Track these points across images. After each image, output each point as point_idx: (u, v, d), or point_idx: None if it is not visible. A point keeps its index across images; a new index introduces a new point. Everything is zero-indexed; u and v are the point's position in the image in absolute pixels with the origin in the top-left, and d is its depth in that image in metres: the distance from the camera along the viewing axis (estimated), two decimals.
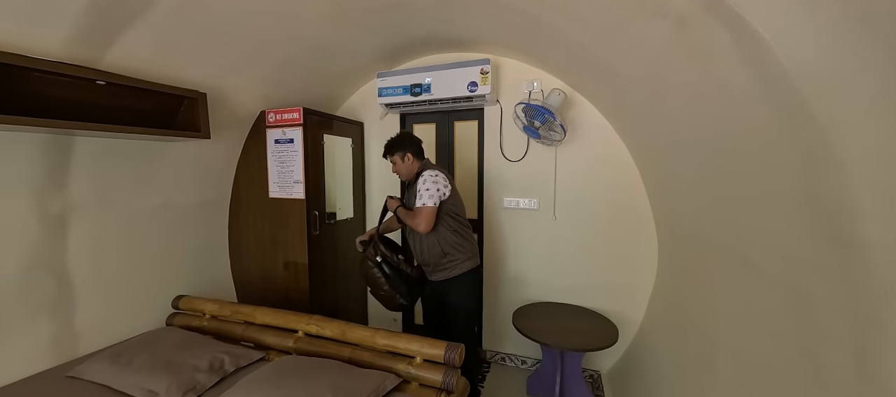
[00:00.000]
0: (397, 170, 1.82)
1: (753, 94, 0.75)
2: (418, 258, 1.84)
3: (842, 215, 0.64)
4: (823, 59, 0.57)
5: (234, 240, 2.32)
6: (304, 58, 2.02)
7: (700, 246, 1.39)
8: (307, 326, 1.62)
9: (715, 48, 0.80)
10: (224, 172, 2.22)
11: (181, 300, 1.89)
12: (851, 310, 0.66)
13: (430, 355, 1.41)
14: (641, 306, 2.12)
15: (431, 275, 1.82)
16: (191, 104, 1.72)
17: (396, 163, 1.81)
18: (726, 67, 0.80)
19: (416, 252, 1.83)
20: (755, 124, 0.80)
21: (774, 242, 0.88)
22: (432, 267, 1.79)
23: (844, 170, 0.60)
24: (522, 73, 2.21)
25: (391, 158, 1.82)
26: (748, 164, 0.89)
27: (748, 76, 0.74)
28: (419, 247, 1.80)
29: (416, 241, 1.80)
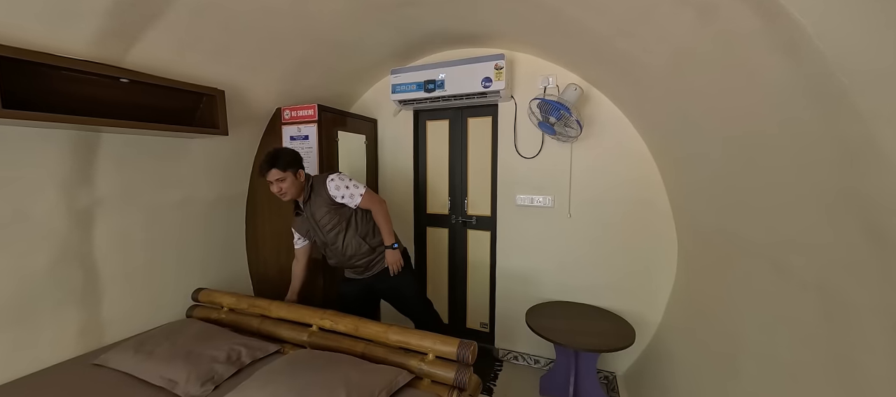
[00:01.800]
0: (285, 189, 1.61)
1: (787, 85, 0.71)
2: (345, 264, 1.81)
3: (883, 212, 0.59)
4: (868, 46, 0.53)
5: (251, 235, 2.37)
6: (320, 55, 2.04)
7: (724, 244, 1.34)
8: (321, 321, 1.63)
9: (744, 36, 0.76)
10: (241, 168, 2.27)
11: (201, 293, 1.94)
12: (891, 313, 0.62)
13: (443, 352, 1.40)
14: (659, 307, 2.06)
15: (365, 273, 1.81)
16: (209, 101, 1.76)
17: (286, 181, 1.60)
18: (757, 57, 0.75)
19: (343, 260, 1.78)
20: (788, 116, 0.75)
21: (806, 240, 0.83)
22: (364, 266, 1.79)
23: (888, 165, 0.56)
24: (537, 68, 2.18)
25: (280, 175, 1.58)
26: (779, 159, 0.85)
27: (782, 65, 0.70)
28: (345, 254, 1.75)
29: (341, 250, 1.74)
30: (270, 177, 1.60)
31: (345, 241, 1.73)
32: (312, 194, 1.70)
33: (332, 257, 1.80)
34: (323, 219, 1.69)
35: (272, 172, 1.59)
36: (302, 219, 1.75)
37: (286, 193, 1.63)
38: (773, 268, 1.00)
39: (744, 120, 0.93)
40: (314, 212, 1.70)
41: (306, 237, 1.80)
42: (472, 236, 2.58)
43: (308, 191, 1.69)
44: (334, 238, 1.72)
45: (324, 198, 1.69)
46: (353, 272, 1.85)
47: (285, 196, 1.64)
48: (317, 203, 1.69)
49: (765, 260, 1.05)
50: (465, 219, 2.57)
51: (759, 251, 1.07)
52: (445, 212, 2.64)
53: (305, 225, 1.75)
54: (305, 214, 1.72)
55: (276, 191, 1.62)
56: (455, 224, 2.62)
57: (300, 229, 1.79)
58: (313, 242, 1.83)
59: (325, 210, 1.68)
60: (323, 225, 1.71)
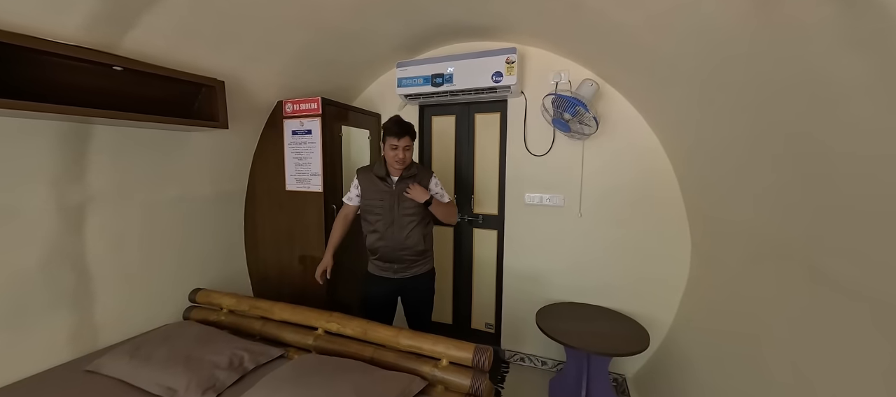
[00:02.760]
0: (408, 159, 1.68)
1: (859, 84, 0.65)
2: (394, 251, 1.73)
3: None
4: None
5: (250, 233, 2.28)
6: (323, 46, 1.95)
7: (754, 250, 1.29)
8: (327, 324, 1.57)
9: (808, 28, 0.70)
10: (240, 164, 2.18)
11: (198, 293, 1.86)
12: None
13: (457, 358, 1.35)
14: (671, 308, 2.02)
15: (401, 273, 1.76)
16: (209, 93, 1.67)
17: (410, 150, 1.68)
18: (822, 52, 0.69)
19: (395, 245, 1.72)
20: (857, 119, 0.69)
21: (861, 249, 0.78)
22: (409, 263, 1.76)
23: None
24: (549, 63, 2.11)
25: (410, 144, 1.67)
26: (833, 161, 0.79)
27: (856, 62, 0.64)
28: (403, 241, 1.71)
29: (403, 236, 1.71)
30: (403, 142, 1.64)
31: (412, 230, 1.72)
32: (412, 176, 1.73)
33: (384, 239, 1.72)
34: (409, 204, 1.71)
35: (405, 139, 1.65)
36: (382, 188, 1.71)
37: (405, 161, 1.68)
38: (815, 275, 0.96)
39: (794, 119, 0.87)
40: (402, 190, 1.70)
41: (370, 200, 1.73)
42: (479, 235, 2.51)
43: (408, 169, 1.72)
44: (406, 222, 1.71)
45: (418, 182, 1.73)
46: (390, 267, 1.76)
47: (403, 164, 1.68)
48: (415, 185, 1.71)
49: (802, 268, 1.00)
50: (472, 217, 2.51)
51: (795, 259, 1.02)
52: None
53: (384, 195, 1.70)
54: (392, 186, 1.71)
55: (400, 156, 1.65)
56: (461, 222, 2.55)
57: (372, 192, 1.72)
58: (358, 211, 1.80)
59: (416, 196, 1.70)
60: (406, 206, 1.71)
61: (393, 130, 1.64)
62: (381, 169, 1.72)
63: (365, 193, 1.74)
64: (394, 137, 1.64)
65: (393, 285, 1.78)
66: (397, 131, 1.63)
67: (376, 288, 1.80)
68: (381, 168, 1.72)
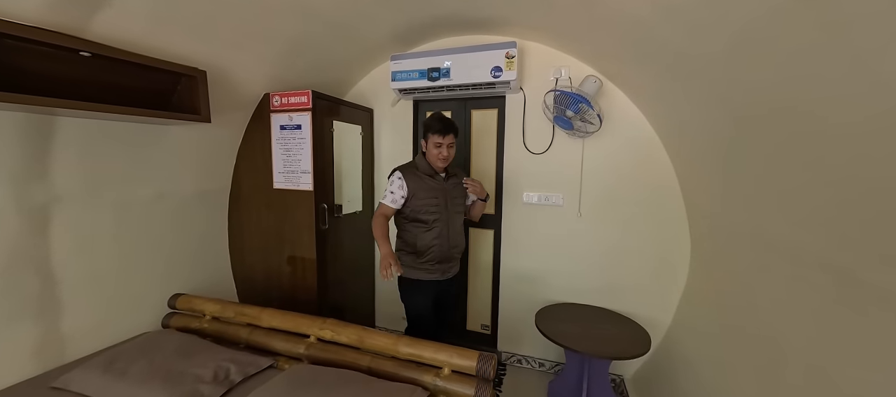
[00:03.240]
0: (449, 155, 1.64)
1: None
2: (444, 255, 1.69)
3: None
4: None
5: (235, 234, 2.16)
6: (314, 35, 1.84)
7: (760, 250, 1.26)
8: (321, 331, 1.48)
9: (855, 20, 0.65)
10: (224, 160, 2.05)
11: (179, 299, 1.73)
12: None
13: (460, 366, 1.28)
14: (670, 310, 2.01)
15: (447, 274, 1.74)
16: (189, 83, 1.54)
17: (452, 147, 1.64)
18: (872, 48, 0.65)
19: (448, 243, 1.69)
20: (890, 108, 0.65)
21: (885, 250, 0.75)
22: (455, 261, 1.77)
23: None
24: (549, 59, 2.06)
25: (453, 141, 1.64)
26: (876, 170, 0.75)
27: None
28: (455, 238, 1.71)
29: (457, 230, 1.72)
30: (448, 139, 1.61)
31: (461, 226, 1.75)
32: (454, 175, 1.75)
33: (441, 238, 1.66)
34: (458, 198, 1.73)
35: (450, 137, 1.62)
36: (434, 186, 1.66)
37: (450, 159, 1.66)
38: (833, 279, 0.93)
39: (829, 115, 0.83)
40: (453, 186, 1.71)
41: (424, 200, 1.64)
42: (474, 234, 2.45)
43: (450, 167, 1.73)
44: (457, 219, 1.74)
45: (461, 185, 1.76)
46: (439, 269, 1.69)
47: (447, 162, 1.66)
48: (456, 182, 1.74)
49: (818, 268, 0.98)
50: None
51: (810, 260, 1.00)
52: None
53: (437, 192, 1.66)
54: (442, 184, 1.69)
55: (444, 155, 1.62)
56: None
57: (424, 191, 1.64)
58: (402, 212, 1.68)
59: (459, 192, 1.74)
60: (457, 203, 1.72)
61: (437, 128, 1.60)
62: (426, 166, 1.67)
63: (416, 193, 1.63)
64: (438, 135, 1.60)
65: (438, 288, 1.73)
66: (442, 128, 1.59)
67: (426, 296, 1.71)
68: (426, 165, 1.67)
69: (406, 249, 1.70)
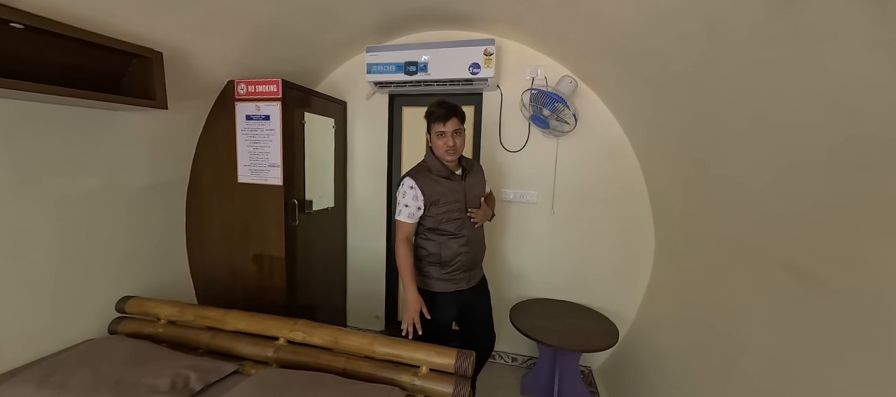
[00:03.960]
0: (460, 146, 1.43)
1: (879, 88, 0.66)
2: (471, 262, 1.52)
3: None
4: None
5: (194, 230, 2.00)
6: (286, 20, 1.74)
7: (721, 247, 1.35)
8: (291, 333, 1.40)
9: (835, 32, 0.70)
10: (182, 150, 1.89)
11: (129, 302, 1.58)
12: None
13: (439, 364, 1.26)
14: (635, 303, 2.10)
15: (473, 280, 1.57)
16: (143, 65, 1.41)
17: (461, 136, 1.43)
18: (848, 58, 0.69)
19: (475, 247, 1.53)
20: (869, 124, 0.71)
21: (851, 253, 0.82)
22: (478, 267, 1.60)
23: None
24: (526, 58, 2.08)
25: (460, 127, 1.42)
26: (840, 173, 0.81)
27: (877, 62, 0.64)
28: (480, 244, 1.57)
29: (477, 240, 1.55)
30: (450, 126, 1.39)
31: (482, 228, 1.58)
32: (471, 169, 1.55)
33: (469, 244, 1.49)
34: (478, 197, 1.54)
35: (454, 121, 1.39)
36: (453, 187, 1.46)
37: (459, 151, 1.44)
38: (790, 272, 1.01)
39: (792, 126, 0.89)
40: (472, 186, 1.52)
41: (446, 206, 1.44)
42: None
43: (464, 161, 1.54)
44: None
45: (480, 179, 1.59)
46: (465, 277, 1.52)
47: (456, 153, 1.44)
48: (475, 179, 1.55)
49: (777, 263, 1.05)
50: None
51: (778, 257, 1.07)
52: None
53: (458, 194, 1.47)
54: (460, 184, 1.48)
55: (450, 144, 1.40)
56: None
57: (444, 196, 1.44)
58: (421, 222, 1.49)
59: (480, 189, 1.56)
60: (475, 202, 1.53)
61: (437, 114, 1.39)
62: (439, 166, 1.45)
63: (437, 200, 1.43)
64: (439, 122, 1.39)
65: (463, 298, 1.55)
66: (443, 114, 1.38)
67: (450, 309, 1.52)
68: (438, 165, 1.45)
69: (429, 259, 1.48)
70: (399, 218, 1.45)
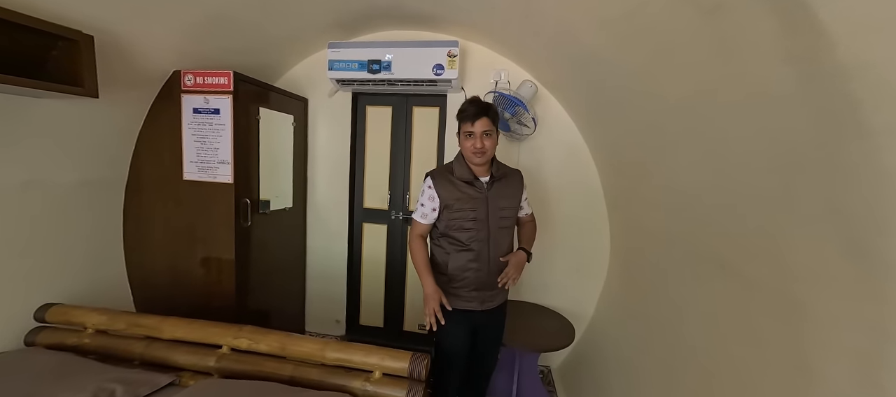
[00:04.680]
0: (489, 148, 1.28)
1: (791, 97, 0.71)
2: (483, 281, 1.36)
3: (868, 230, 0.62)
4: None
5: (133, 231, 1.85)
6: (239, 8, 1.65)
7: (671, 249, 1.41)
8: (235, 340, 1.32)
9: (753, 41, 0.75)
10: (119, 144, 1.74)
11: (50, 310, 1.43)
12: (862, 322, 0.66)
13: (392, 368, 1.23)
14: (592, 303, 2.17)
15: (488, 302, 1.39)
16: (69, 48, 1.28)
17: (492, 137, 1.29)
18: (763, 64, 0.75)
19: (487, 271, 1.35)
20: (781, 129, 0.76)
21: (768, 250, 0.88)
22: (496, 290, 1.40)
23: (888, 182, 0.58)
24: (490, 61, 2.10)
25: (490, 127, 1.28)
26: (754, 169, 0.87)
27: (790, 76, 0.69)
28: (493, 264, 1.35)
29: (494, 257, 1.35)
30: (479, 126, 1.26)
31: (505, 244, 1.40)
32: (504, 177, 1.39)
33: (480, 260, 1.34)
34: (506, 210, 1.37)
35: (484, 121, 1.26)
36: (472, 194, 1.32)
37: (487, 151, 1.29)
38: (725, 274, 1.07)
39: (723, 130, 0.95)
40: (498, 197, 1.35)
41: (459, 212, 1.31)
42: None
43: (497, 168, 1.37)
44: (502, 237, 1.38)
45: (514, 189, 1.41)
46: (478, 297, 1.37)
47: (484, 156, 1.29)
48: (505, 190, 1.38)
49: (713, 265, 1.12)
50: (407, 215, 2.40)
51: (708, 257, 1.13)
52: (385, 207, 2.43)
53: (477, 203, 1.32)
54: (483, 192, 1.33)
55: (478, 146, 1.26)
56: (394, 220, 2.43)
57: (459, 201, 1.31)
58: (434, 225, 1.39)
59: (510, 201, 1.39)
60: (503, 213, 1.36)
61: (467, 112, 1.28)
62: (463, 169, 1.33)
63: (450, 203, 1.32)
64: (468, 121, 1.27)
65: (475, 321, 1.40)
66: (474, 112, 1.26)
67: (458, 328, 1.37)
68: (463, 168, 1.33)
69: (438, 269, 1.38)
70: (414, 216, 1.41)
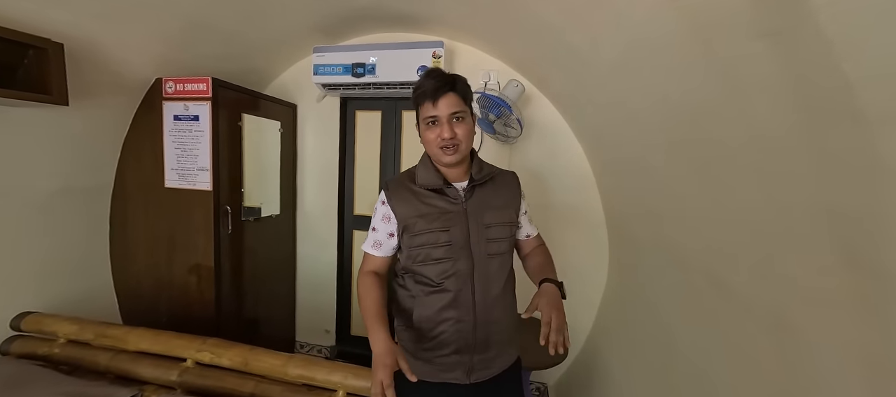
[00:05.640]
0: (462, 137, 0.87)
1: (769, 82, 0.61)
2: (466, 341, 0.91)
3: (869, 236, 0.51)
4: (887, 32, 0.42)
5: (119, 240, 1.85)
6: (219, 13, 1.63)
7: (662, 259, 1.29)
8: (198, 354, 1.27)
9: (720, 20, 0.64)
10: (103, 152, 1.75)
11: (25, 319, 1.43)
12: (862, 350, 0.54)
13: (355, 388, 1.15)
14: (590, 316, 2.03)
15: (479, 371, 0.94)
16: (39, 57, 1.28)
17: (465, 121, 0.88)
18: (734, 45, 0.64)
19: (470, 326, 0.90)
20: (764, 120, 0.66)
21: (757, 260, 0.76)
22: (495, 350, 0.95)
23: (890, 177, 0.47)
24: (479, 61, 2.02)
25: (461, 108, 0.87)
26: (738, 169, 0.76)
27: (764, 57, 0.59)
28: (487, 312, 0.91)
29: (482, 302, 0.90)
30: (444, 107, 0.85)
31: (503, 284, 0.94)
32: (490, 181, 0.95)
33: (455, 307, 0.90)
34: (496, 228, 0.92)
35: (450, 99, 0.85)
36: (441, 208, 0.90)
37: (460, 143, 0.87)
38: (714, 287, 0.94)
39: (700, 123, 0.84)
40: (482, 209, 0.91)
41: (420, 235, 0.90)
42: None
43: (479, 168, 0.93)
44: (494, 270, 0.92)
45: (506, 198, 0.96)
46: (461, 364, 0.92)
47: (456, 149, 0.87)
48: (491, 199, 0.93)
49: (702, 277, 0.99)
50: None
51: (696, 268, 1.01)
52: None
53: (447, 220, 0.89)
54: (456, 205, 0.91)
55: (446, 135, 0.85)
56: None
57: (420, 219, 0.90)
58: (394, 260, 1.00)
59: (500, 215, 0.93)
60: (493, 236, 0.91)
61: (424, 87, 0.87)
62: (429, 173, 0.92)
63: (411, 223, 0.91)
64: (427, 100, 0.86)
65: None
66: (432, 87, 0.85)
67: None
68: (429, 171, 0.92)
69: (401, 321, 0.98)
70: (363, 246, 0.98)
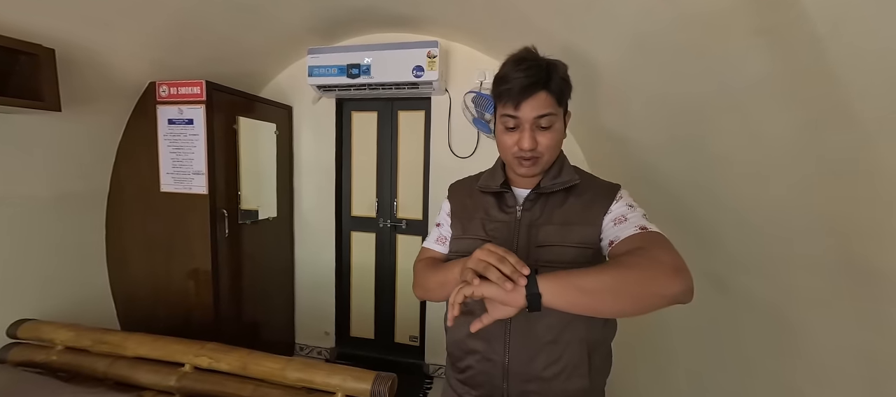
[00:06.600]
0: (546, 146, 0.71)
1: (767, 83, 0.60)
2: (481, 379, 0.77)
3: (869, 237, 0.51)
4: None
5: (116, 245, 1.84)
6: (212, 16, 1.63)
7: None
8: (197, 358, 1.27)
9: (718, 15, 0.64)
10: (98, 157, 1.74)
11: (22, 327, 1.42)
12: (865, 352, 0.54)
13: (354, 390, 1.15)
14: None
15: None
16: (31, 64, 1.27)
17: (554, 127, 0.71)
18: (732, 44, 0.64)
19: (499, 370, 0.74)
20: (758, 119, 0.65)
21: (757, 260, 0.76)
22: None
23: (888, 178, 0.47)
24: (474, 61, 2.02)
25: (552, 110, 0.70)
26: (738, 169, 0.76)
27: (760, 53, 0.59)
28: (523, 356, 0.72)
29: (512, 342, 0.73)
30: (529, 109, 0.68)
31: (560, 331, 0.71)
32: (569, 191, 0.75)
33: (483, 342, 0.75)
34: (556, 250, 0.71)
35: (540, 100, 0.68)
36: (496, 217, 0.78)
37: (542, 156, 0.71)
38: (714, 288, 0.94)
39: (699, 122, 0.84)
40: (545, 219, 0.74)
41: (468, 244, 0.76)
42: (403, 242, 2.34)
43: (555, 174, 0.75)
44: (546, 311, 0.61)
45: (586, 214, 0.73)
46: None
47: (535, 163, 0.71)
48: (566, 210, 0.74)
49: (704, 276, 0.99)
50: (395, 222, 2.33)
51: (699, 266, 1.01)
52: (372, 214, 2.37)
53: (497, 229, 0.77)
54: (509, 214, 0.77)
55: (525, 145, 0.69)
56: (383, 228, 2.36)
57: (472, 225, 0.80)
58: None
59: (566, 235, 0.72)
60: (544, 256, 0.72)
61: (509, 80, 0.69)
62: (493, 174, 0.82)
63: (455, 225, 0.83)
64: (510, 105, 0.70)
65: None
66: (520, 84, 0.68)
67: None
68: (494, 172, 0.82)
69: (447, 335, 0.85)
70: (425, 243, 0.90)
